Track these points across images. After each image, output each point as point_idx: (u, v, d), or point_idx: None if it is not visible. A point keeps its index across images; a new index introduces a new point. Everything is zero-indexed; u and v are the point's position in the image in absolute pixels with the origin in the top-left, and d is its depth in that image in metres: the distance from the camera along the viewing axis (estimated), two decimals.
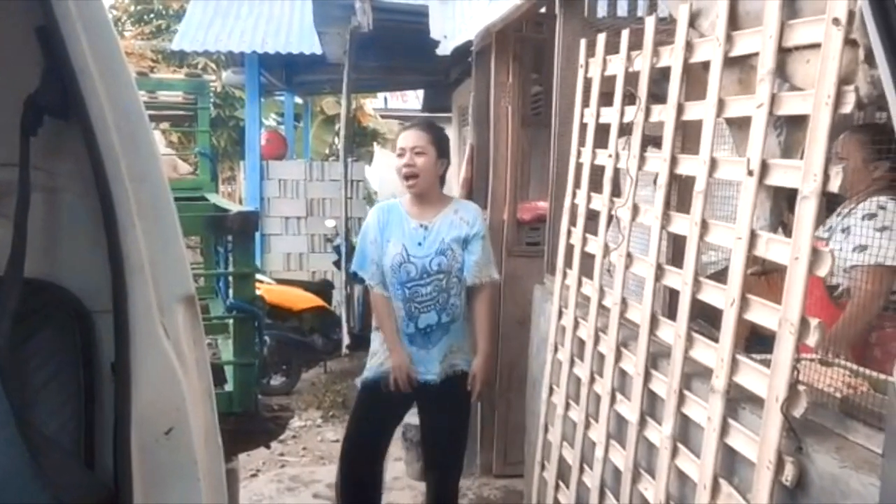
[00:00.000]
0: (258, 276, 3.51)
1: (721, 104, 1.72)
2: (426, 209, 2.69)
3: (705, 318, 1.94)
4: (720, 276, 1.86)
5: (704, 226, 1.74)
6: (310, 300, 5.70)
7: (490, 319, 2.72)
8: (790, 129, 1.67)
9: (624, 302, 2.13)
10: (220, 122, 11.11)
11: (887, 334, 1.91)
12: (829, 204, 2.01)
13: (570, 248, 2.58)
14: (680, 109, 1.91)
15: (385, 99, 14.09)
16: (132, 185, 1.04)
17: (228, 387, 2.13)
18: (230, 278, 2.25)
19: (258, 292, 2.15)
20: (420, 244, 2.64)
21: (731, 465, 1.58)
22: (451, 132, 9.11)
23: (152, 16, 13.15)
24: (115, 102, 1.03)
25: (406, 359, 2.59)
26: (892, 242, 1.84)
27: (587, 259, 2.43)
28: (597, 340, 2.30)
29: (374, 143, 13.01)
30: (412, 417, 2.98)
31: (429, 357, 2.63)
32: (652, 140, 2.14)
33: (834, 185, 1.34)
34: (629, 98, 2.20)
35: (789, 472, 1.35)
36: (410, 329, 2.63)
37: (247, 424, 2.04)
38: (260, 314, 2.07)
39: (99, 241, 1.07)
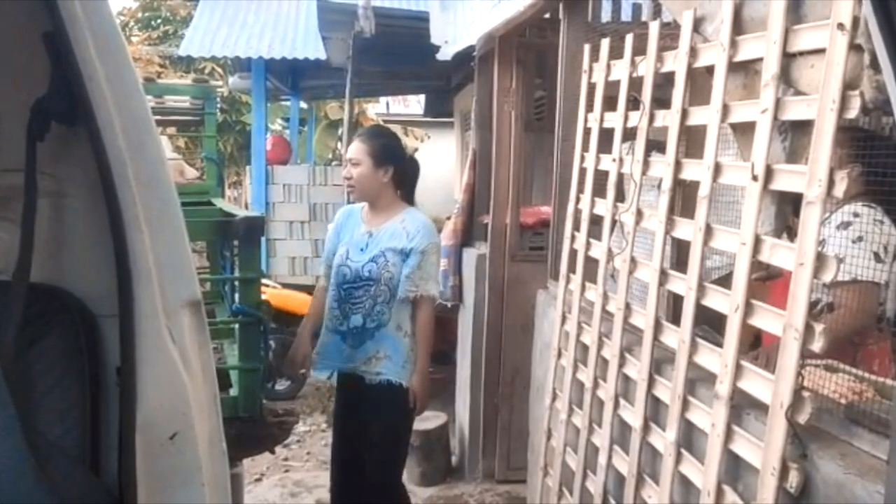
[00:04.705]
0: (263, 281, 3.52)
1: (725, 109, 1.72)
2: (376, 216, 2.79)
3: (709, 324, 1.93)
4: (724, 281, 1.86)
5: (708, 231, 1.74)
6: None
7: (425, 336, 2.71)
8: (795, 134, 1.67)
9: (628, 307, 2.13)
10: (226, 127, 11.16)
11: (871, 352, 1.86)
12: None
13: (573, 253, 2.58)
14: (684, 114, 1.91)
15: (387, 104, 14.12)
16: (139, 189, 1.04)
17: (233, 391, 2.13)
18: (236, 283, 2.26)
19: (263, 297, 2.16)
20: (362, 250, 2.74)
21: (735, 471, 1.57)
22: (453, 137, 9.14)
23: (159, 21, 13.23)
24: (123, 107, 1.04)
25: (303, 352, 2.77)
26: (868, 252, 1.77)
27: (591, 264, 2.43)
28: (600, 345, 2.29)
29: None
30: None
31: (355, 355, 2.71)
32: (656, 145, 2.14)
33: (839, 190, 1.34)
34: (633, 103, 2.21)
35: (794, 479, 1.35)
36: (343, 327, 2.72)
37: (251, 429, 2.05)
38: (265, 319, 2.08)
39: (105, 246, 1.08)
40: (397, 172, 2.76)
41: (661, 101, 2.09)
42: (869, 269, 1.74)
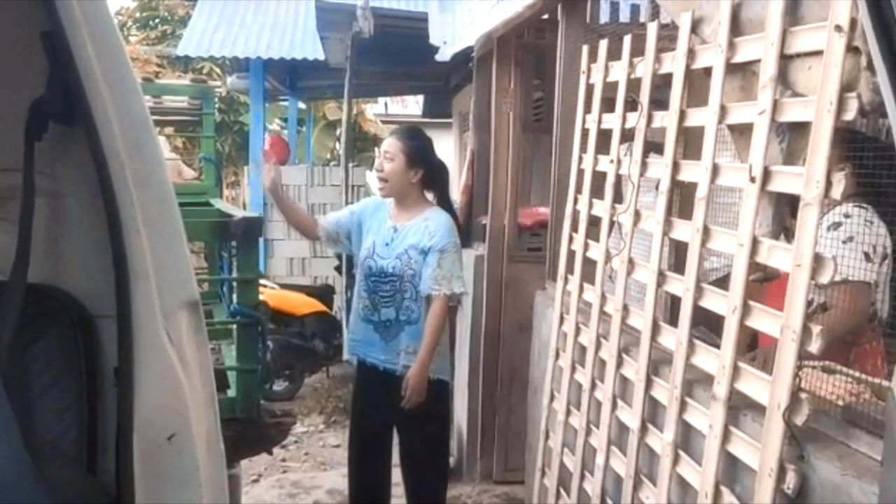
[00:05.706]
0: (261, 281, 3.51)
1: (723, 111, 1.72)
2: (402, 213, 2.87)
3: (707, 325, 1.93)
4: (722, 282, 1.86)
5: (706, 232, 1.74)
6: (312, 305, 5.71)
7: (434, 331, 2.73)
8: (792, 136, 1.67)
9: (625, 308, 2.13)
10: (224, 127, 11.15)
11: (865, 351, 1.85)
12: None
13: (571, 254, 2.58)
14: (682, 116, 1.91)
15: (385, 104, 14.12)
16: (137, 190, 1.04)
17: (231, 392, 2.13)
18: (234, 283, 2.26)
19: (261, 297, 2.16)
20: (387, 244, 2.83)
21: (732, 472, 1.57)
22: (451, 138, 9.14)
23: (157, 21, 13.23)
24: (121, 107, 1.04)
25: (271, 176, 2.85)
26: (859, 252, 1.76)
27: (589, 265, 2.43)
28: (598, 346, 2.29)
29: (375, 149, 12.98)
30: None
31: (389, 348, 2.79)
32: (654, 146, 2.14)
33: (836, 192, 1.34)
34: (631, 104, 2.21)
35: (791, 480, 1.35)
36: (375, 318, 2.82)
37: (249, 430, 2.04)
38: (263, 319, 2.07)
39: (103, 246, 1.08)
40: (427, 175, 2.86)
41: (660, 102, 2.09)
42: (860, 269, 1.74)
